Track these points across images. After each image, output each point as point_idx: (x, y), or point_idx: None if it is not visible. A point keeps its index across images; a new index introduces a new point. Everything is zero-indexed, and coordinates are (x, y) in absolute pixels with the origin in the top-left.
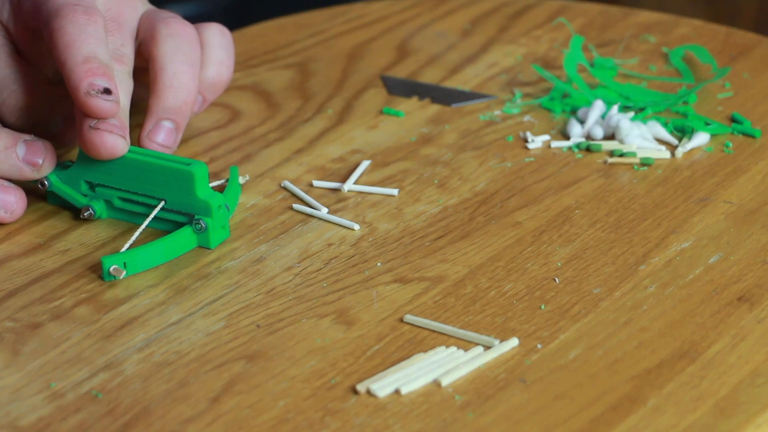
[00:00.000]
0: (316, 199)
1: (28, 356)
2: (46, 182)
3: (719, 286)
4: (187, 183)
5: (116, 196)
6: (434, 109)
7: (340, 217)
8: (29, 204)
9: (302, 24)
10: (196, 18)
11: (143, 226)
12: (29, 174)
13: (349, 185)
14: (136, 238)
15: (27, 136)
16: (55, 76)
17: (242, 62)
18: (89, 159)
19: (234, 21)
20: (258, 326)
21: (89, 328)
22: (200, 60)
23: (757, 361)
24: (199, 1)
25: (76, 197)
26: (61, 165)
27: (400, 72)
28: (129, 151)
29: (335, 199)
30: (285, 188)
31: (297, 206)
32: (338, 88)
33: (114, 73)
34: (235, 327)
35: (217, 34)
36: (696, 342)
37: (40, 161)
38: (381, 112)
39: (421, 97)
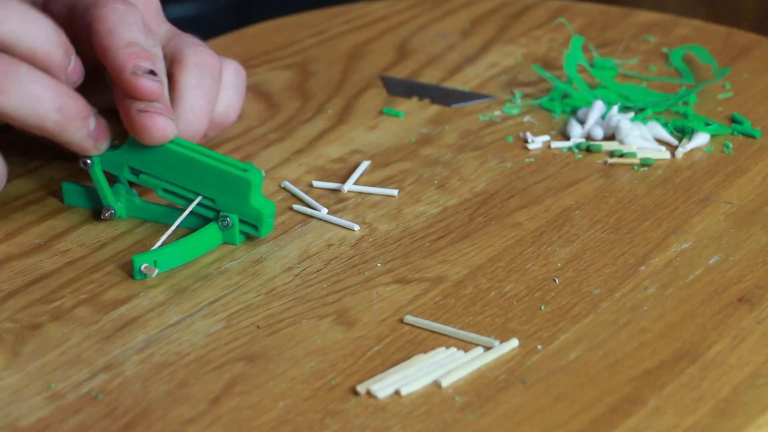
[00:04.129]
0: (316, 199)
1: (28, 357)
2: (89, 161)
3: (719, 287)
4: (243, 189)
5: (160, 187)
6: (434, 109)
7: (340, 217)
8: (29, 205)
9: (302, 24)
10: (196, 18)
11: (175, 225)
12: (91, 149)
13: (348, 186)
14: (167, 236)
15: (94, 110)
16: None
17: (242, 62)
18: (139, 145)
19: (234, 21)
20: (258, 327)
21: (89, 329)
22: (217, 96)
23: (757, 362)
24: (199, 1)
25: (105, 192)
26: (112, 145)
27: (400, 72)
28: (185, 147)
29: (335, 199)
30: (285, 189)
31: (297, 207)
32: (338, 89)
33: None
34: (235, 328)
35: (232, 74)
36: (696, 343)
37: (103, 139)
38: (381, 113)
39: (421, 97)
